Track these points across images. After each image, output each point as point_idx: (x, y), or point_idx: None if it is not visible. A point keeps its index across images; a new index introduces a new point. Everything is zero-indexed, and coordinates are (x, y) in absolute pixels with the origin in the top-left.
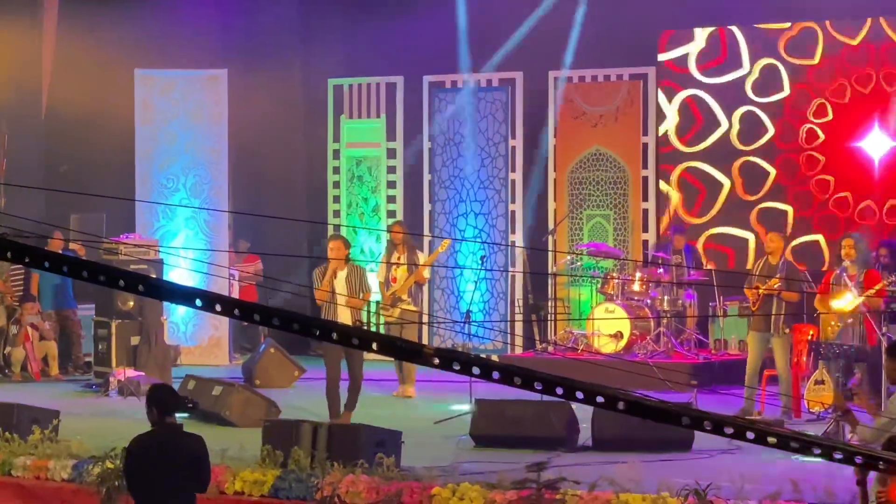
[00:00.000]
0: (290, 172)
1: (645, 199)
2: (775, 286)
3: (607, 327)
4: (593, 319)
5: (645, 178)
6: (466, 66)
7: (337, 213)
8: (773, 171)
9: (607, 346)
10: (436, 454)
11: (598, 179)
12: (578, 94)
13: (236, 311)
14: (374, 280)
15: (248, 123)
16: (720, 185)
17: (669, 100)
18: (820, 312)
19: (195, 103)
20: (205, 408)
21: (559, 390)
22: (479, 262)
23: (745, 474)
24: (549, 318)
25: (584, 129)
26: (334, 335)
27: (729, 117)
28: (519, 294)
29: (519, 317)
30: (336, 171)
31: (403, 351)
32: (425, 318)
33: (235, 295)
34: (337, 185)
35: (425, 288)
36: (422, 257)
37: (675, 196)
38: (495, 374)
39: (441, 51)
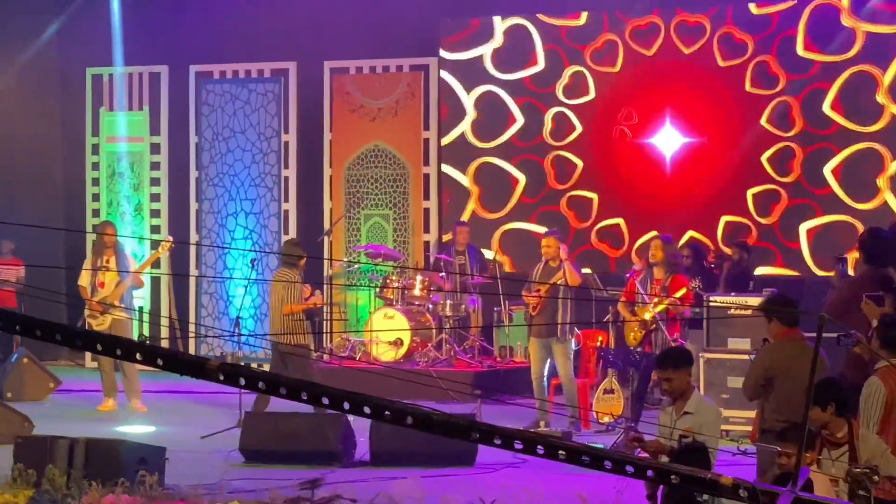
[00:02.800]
0: (47, 169)
1: (426, 197)
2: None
3: (386, 334)
4: (371, 329)
5: (426, 176)
6: (235, 55)
7: (97, 213)
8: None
9: (386, 354)
10: (203, 471)
11: (376, 177)
12: (356, 86)
13: None
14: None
15: None
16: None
17: (468, 91)
18: (626, 320)
19: None
20: None
21: (346, 405)
22: (250, 265)
23: (531, 489)
24: (324, 325)
25: (363, 123)
26: (118, 351)
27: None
28: None
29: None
30: (95, 167)
31: (187, 365)
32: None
33: None
34: (96, 182)
35: (191, 292)
36: (133, 262)
37: (474, 191)
38: (282, 390)
39: (208, 38)
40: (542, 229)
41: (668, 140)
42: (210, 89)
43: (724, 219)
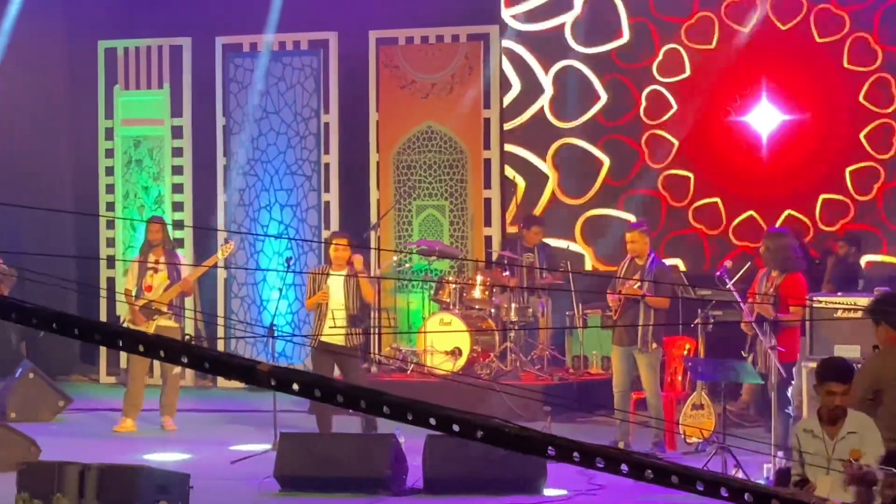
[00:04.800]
0: (54, 156)
1: (487, 186)
2: (635, 287)
3: (442, 342)
4: (425, 333)
5: (487, 161)
6: (268, 25)
7: (111, 206)
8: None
9: (443, 366)
10: (232, 501)
11: (430, 163)
12: (406, 58)
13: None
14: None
15: (0, 96)
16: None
17: (546, 71)
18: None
19: None
20: None
21: (409, 416)
22: (285, 264)
23: None
24: (372, 332)
25: (414, 101)
26: (162, 353)
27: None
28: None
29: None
30: (109, 153)
31: (235, 369)
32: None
33: None
34: (111, 171)
35: (219, 297)
36: (186, 261)
37: (552, 176)
38: (339, 398)
39: (236, 5)
40: (628, 216)
41: (765, 118)
42: (239, 64)
43: (822, 197)
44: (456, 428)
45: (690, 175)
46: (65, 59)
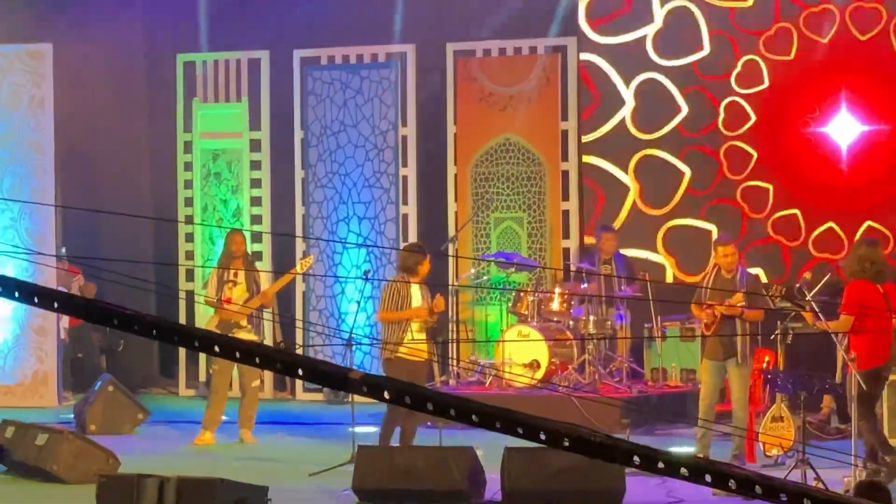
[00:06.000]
0: (133, 170)
1: (566, 198)
2: (738, 304)
3: (521, 355)
4: (504, 343)
5: (565, 173)
6: (346, 38)
7: (190, 219)
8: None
9: (521, 378)
10: None
11: (508, 175)
12: (483, 71)
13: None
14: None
15: (80, 110)
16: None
17: (627, 83)
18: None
19: (12, 85)
20: (26, 460)
21: (498, 424)
22: (363, 276)
23: None
24: (450, 343)
25: (491, 113)
26: (257, 360)
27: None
28: None
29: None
30: (188, 167)
31: (329, 376)
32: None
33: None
34: (189, 184)
35: (298, 308)
36: (264, 276)
37: (634, 187)
38: (429, 405)
39: (314, 18)
40: (708, 226)
41: (845, 129)
42: (317, 77)
43: None
44: (543, 436)
45: (769, 186)
46: (143, 72)
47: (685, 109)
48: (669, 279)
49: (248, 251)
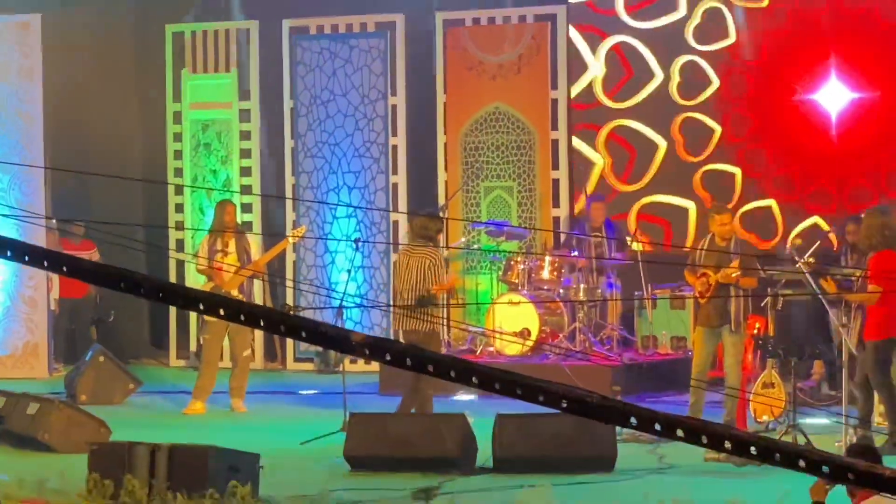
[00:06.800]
0: (122, 140)
1: (555, 166)
2: (733, 275)
3: (511, 323)
4: (494, 312)
5: (555, 142)
6: (335, 7)
7: (179, 189)
8: (718, 129)
9: (511, 347)
10: (303, 480)
11: (497, 144)
12: (473, 39)
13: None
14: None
15: (68, 81)
16: (655, 147)
17: (593, 49)
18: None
19: (0, 56)
20: (18, 430)
21: (497, 385)
22: (353, 245)
23: (678, 499)
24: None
25: (481, 82)
26: (262, 322)
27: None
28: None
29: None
30: (178, 137)
31: (330, 339)
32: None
33: None
34: (179, 155)
35: (288, 279)
36: (255, 245)
37: (603, 161)
38: (430, 367)
39: None
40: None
41: (834, 96)
42: (306, 47)
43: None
44: (541, 398)
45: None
46: (132, 43)
47: (715, 83)
48: (692, 226)
49: (238, 221)
